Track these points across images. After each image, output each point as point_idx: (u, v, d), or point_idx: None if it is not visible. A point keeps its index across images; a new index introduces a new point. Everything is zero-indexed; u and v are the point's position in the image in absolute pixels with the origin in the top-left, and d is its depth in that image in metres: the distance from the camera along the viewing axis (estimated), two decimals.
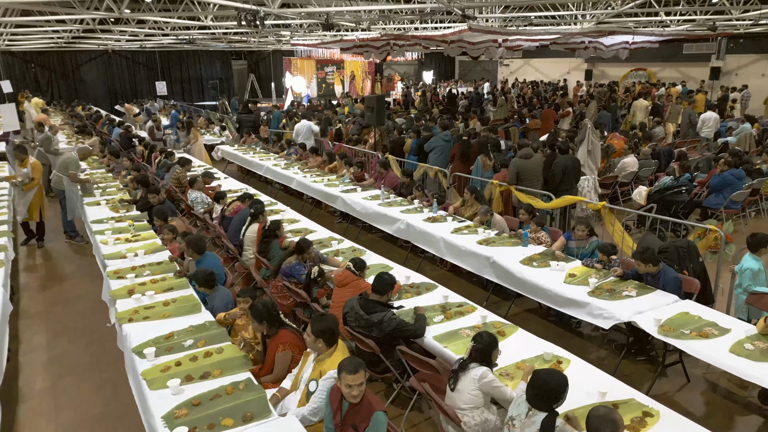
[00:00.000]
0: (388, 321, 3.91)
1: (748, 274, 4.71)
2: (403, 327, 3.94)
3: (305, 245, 5.09)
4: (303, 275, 4.99)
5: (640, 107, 17.18)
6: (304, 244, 5.10)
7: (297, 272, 5.04)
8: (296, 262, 5.10)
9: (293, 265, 5.07)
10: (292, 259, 5.13)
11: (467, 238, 6.19)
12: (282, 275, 5.11)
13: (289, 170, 10.20)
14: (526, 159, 7.35)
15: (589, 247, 5.59)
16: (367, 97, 10.88)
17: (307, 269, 5.01)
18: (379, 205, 7.67)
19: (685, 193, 7.98)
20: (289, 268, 5.07)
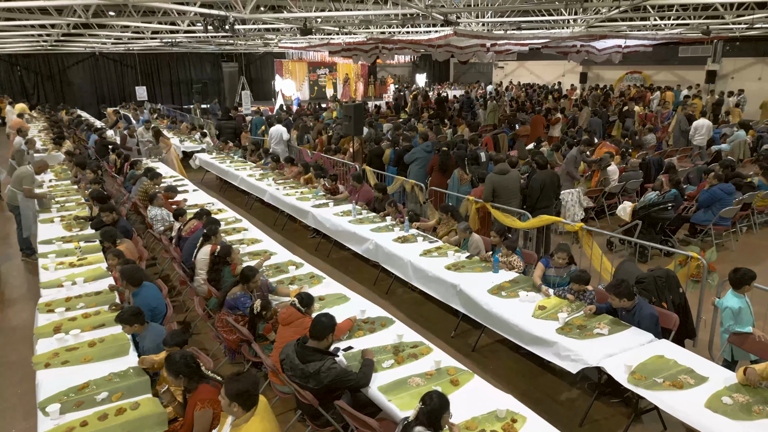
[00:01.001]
0: (327, 371, 3.51)
1: (728, 313, 4.32)
2: (344, 377, 3.55)
3: (250, 274, 4.69)
4: (248, 308, 4.60)
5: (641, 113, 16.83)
6: (248, 273, 4.70)
7: (242, 304, 4.64)
8: (241, 293, 4.70)
9: (238, 297, 4.67)
10: (237, 290, 4.73)
11: (435, 263, 5.80)
12: (227, 308, 4.71)
13: (263, 181, 9.81)
14: (502, 175, 6.96)
15: (567, 276, 5.20)
16: (345, 104, 10.49)
17: (253, 301, 4.61)
18: (349, 222, 7.28)
19: (671, 209, 7.58)
20: (234, 299, 4.67)
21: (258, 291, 4.81)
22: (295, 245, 8.50)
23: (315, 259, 7.91)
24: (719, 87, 23.30)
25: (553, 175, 7.22)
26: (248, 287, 4.72)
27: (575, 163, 9.20)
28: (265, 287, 4.95)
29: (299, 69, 31.13)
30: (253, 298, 4.68)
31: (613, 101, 21.73)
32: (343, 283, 6.99)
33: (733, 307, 4.31)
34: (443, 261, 5.85)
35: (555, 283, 5.24)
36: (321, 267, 7.52)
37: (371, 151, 10.18)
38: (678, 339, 4.80)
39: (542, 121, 14.90)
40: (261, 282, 4.88)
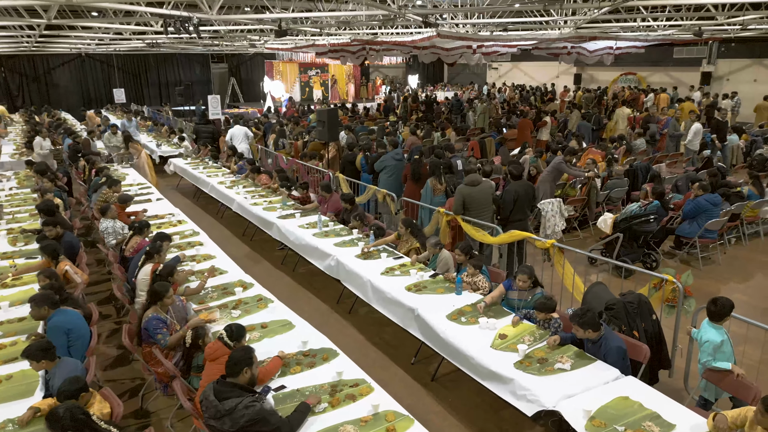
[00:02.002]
0: (244, 409, 3.11)
1: (708, 347, 3.92)
2: (264, 419, 3.13)
3: (161, 290, 4.27)
4: (160, 332, 4.18)
5: (622, 116, 16.41)
6: (159, 289, 4.28)
7: (153, 329, 4.20)
8: (154, 315, 4.25)
9: (150, 320, 4.23)
10: (150, 312, 4.30)
11: (396, 282, 5.41)
12: (145, 335, 4.29)
13: (233, 189, 9.41)
14: (473, 186, 6.56)
15: (532, 300, 4.80)
16: (318, 109, 10.09)
17: (169, 322, 4.21)
18: (313, 236, 6.88)
19: (654, 222, 7.19)
20: (147, 322, 4.25)
21: (177, 313, 4.41)
22: (261, 258, 8.11)
23: (280, 274, 7.53)
24: (714, 89, 22.94)
25: (527, 186, 6.82)
26: (162, 305, 4.31)
27: (558, 174, 8.81)
28: (181, 311, 4.54)
29: (290, 70, 30.72)
30: (168, 319, 4.28)
31: (605, 103, 21.37)
32: (306, 301, 6.68)
33: (715, 340, 3.91)
34: (405, 281, 5.45)
35: (519, 308, 4.84)
36: (284, 283, 7.22)
37: (345, 157, 9.78)
38: (652, 370, 4.43)
39: (530, 125, 14.51)
40: (178, 305, 4.47)
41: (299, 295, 6.83)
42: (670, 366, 4.57)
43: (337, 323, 6.05)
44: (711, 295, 6.73)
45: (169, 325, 4.39)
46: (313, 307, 6.47)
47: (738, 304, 6.50)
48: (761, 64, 22.21)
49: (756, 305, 6.41)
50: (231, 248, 8.54)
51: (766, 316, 6.13)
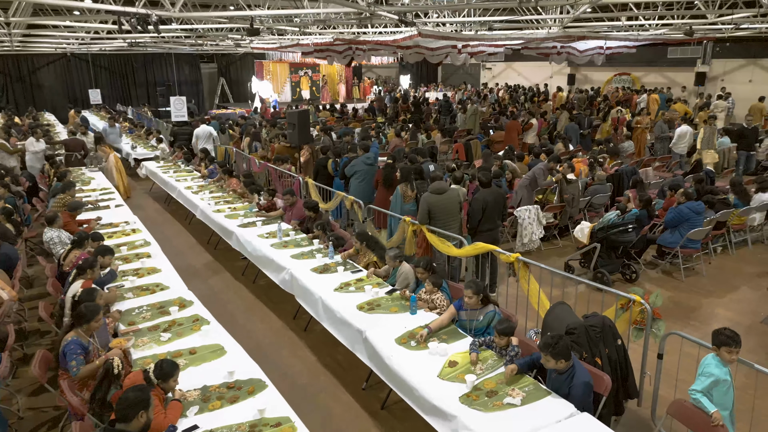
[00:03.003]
0: None
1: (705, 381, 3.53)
2: None
3: (88, 314, 3.88)
4: (75, 358, 3.78)
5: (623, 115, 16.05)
6: (86, 312, 3.88)
7: (71, 353, 3.80)
8: (74, 339, 3.85)
9: (68, 344, 3.83)
10: (71, 335, 3.90)
11: (348, 300, 5.02)
12: (63, 362, 3.90)
13: (198, 195, 9.01)
14: (439, 194, 6.17)
15: (484, 320, 4.42)
16: (288, 111, 9.69)
17: (92, 348, 3.82)
18: (270, 246, 6.49)
19: (633, 231, 6.80)
20: (65, 346, 3.85)
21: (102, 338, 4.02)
22: (222, 268, 7.72)
23: (238, 286, 7.13)
24: (709, 89, 22.56)
25: (497, 193, 6.42)
26: (87, 330, 3.92)
27: (538, 182, 8.42)
28: (105, 334, 4.15)
29: (280, 70, 30.34)
30: (91, 344, 3.89)
31: (597, 104, 20.96)
32: (261, 316, 6.28)
33: (720, 377, 3.50)
34: (359, 298, 5.06)
35: (470, 329, 4.46)
36: (241, 296, 6.83)
37: (318, 161, 9.40)
38: (617, 400, 4.04)
39: (517, 127, 14.10)
40: (102, 322, 4.07)
41: (255, 309, 6.44)
42: (637, 395, 4.18)
43: (290, 343, 5.66)
44: (691, 310, 6.40)
45: (90, 352, 4.00)
46: (267, 323, 6.08)
47: (719, 321, 6.15)
48: (756, 64, 21.83)
49: (739, 321, 6.02)
50: (192, 257, 8.18)
51: (750, 334, 5.75)
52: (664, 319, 4.22)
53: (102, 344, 4.17)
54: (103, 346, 4.17)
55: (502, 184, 8.71)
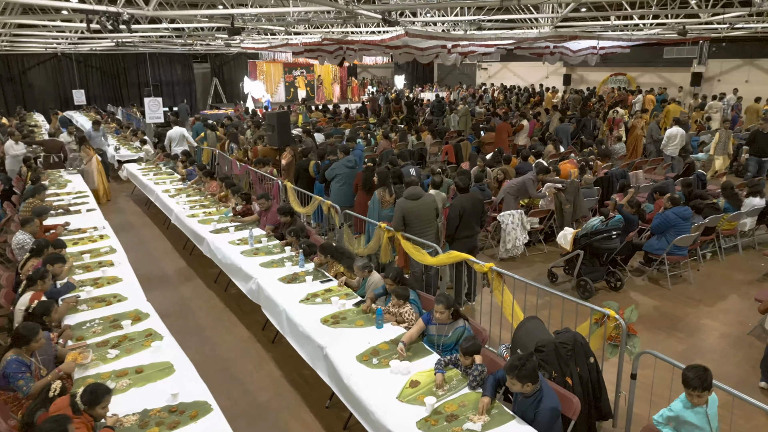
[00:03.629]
0: None
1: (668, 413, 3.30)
2: None
3: (27, 335, 3.64)
4: (23, 377, 3.55)
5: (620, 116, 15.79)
6: (24, 333, 3.64)
7: (13, 374, 3.57)
8: (14, 357, 3.61)
9: (9, 363, 3.58)
10: (10, 353, 3.66)
11: (313, 313, 4.78)
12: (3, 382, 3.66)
13: (175, 198, 8.78)
14: (414, 200, 5.93)
15: (453, 335, 4.18)
16: (268, 113, 9.45)
17: (33, 367, 3.58)
18: (241, 253, 6.25)
19: (617, 238, 6.56)
20: (6, 365, 3.61)
21: (47, 354, 3.78)
22: (195, 275, 7.48)
23: (210, 294, 6.89)
24: (705, 90, 22.33)
25: (475, 199, 6.18)
26: (28, 350, 3.68)
27: (525, 190, 8.15)
28: (49, 350, 3.91)
29: (274, 70, 30.12)
30: (32, 364, 3.65)
31: (591, 105, 20.73)
32: (229, 327, 6.03)
33: (683, 416, 3.27)
34: (324, 310, 4.83)
35: (439, 345, 4.22)
36: (212, 305, 6.58)
37: (299, 164, 9.14)
38: (589, 423, 3.80)
39: (507, 129, 13.85)
40: (45, 340, 3.83)
41: (224, 319, 6.20)
42: (611, 415, 3.94)
43: (256, 356, 5.42)
44: (677, 320, 6.16)
45: (33, 370, 3.77)
46: (234, 335, 5.84)
47: (705, 332, 5.92)
48: (753, 64, 21.62)
49: (725, 333, 5.78)
50: (166, 263, 7.94)
51: (737, 346, 5.52)
52: (649, 329, 4.00)
53: (45, 362, 3.93)
54: (46, 364, 3.93)
55: (485, 188, 8.47)
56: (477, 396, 3.54)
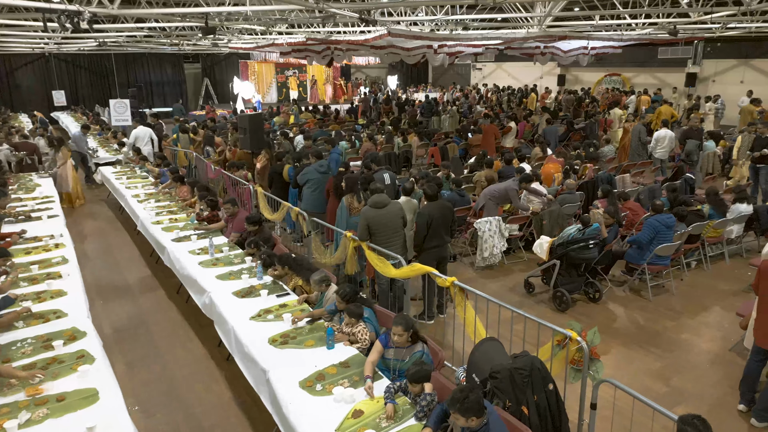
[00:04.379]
0: None
1: None
2: None
3: None
4: None
5: (614, 117, 15.52)
6: None
7: None
8: None
9: None
10: None
11: (263, 331, 4.49)
12: None
13: (143, 203, 8.48)
14: (378, 208, 5.64)
15: (410, 360, 3.88)
16: (240, 115, 9.15)
17: None
18: (199, 264, 5.96)
19: (594, 247, 6.26)
20: None
21: None
22: (158, 285, 7.19)
23: (170, 305, 6.60)
24: (700, 90, 22.05)
25: (444, 207, 5.88)
26: None
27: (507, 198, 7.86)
28: None
29: (266, 70, 29.84)
30: None
31: (585, 106, 20.44)
32: (183, 342, 5.71)
33: None
34: (276, 328, 4.53)
35: (395, 370, 3.92)
36: (169, 317, 6.28)
37: (273, 168, 8.85)
38: None
39: (494, 131, 13.57)
40: None
41: (180, 333, 5.90)
42: None
43: (208, 375, 5.12)
44: (655, 335, 5.84)
45: None
46: (188, 351, 5.54)
47: (684, 348, 5.62)
48: (748, 64, 21.32)
49: (705, 349, 5.49)
50: (129, 272, 7.65)
51: (717, 365, 5.22)
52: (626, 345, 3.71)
53: None
54: None
55: (464, 194, 8.17)
56: (421, 428, 3.25)
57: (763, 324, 4.33)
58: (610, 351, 5.46)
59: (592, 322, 6.07)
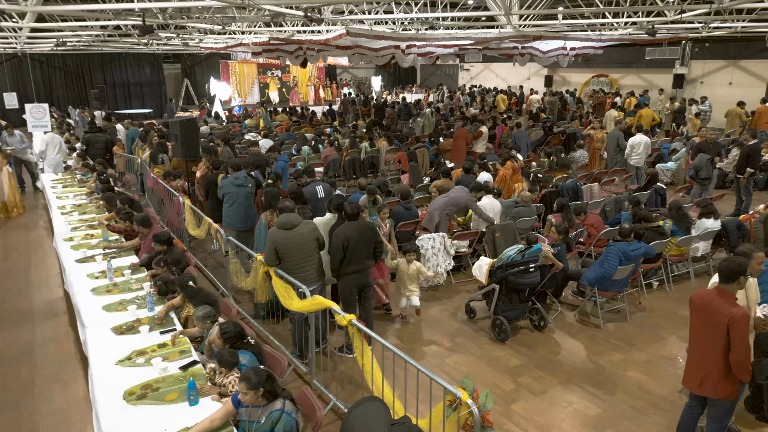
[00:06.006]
0: None
1: None
2: None
3: None
4: None
5: (610, 119, 14.88)
6: None
7: None
8: None
9: None
10: None
11: (122, 380, 3.85)
12: None
13: (66, 216, 7.84)
14: (287, 230, 4.99)
15: (266, 422, 3.25)
16: (171, 121, 8.49)
17: None
18: (91, 291, 5.33)
19: (536, 271, 5.62)
20: None
21: None
22: (66, 309, 6.51)
23: (68, 335, 5.93)
24: (688, 92, 21.42)
25: (364, 227, 5.23)
26: None
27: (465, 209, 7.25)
28: None
29: (247, 71, 29.21)
30: None
31: (570, 108, 19.81)
32: (63, 384, 5.02)
33: None
34: (142, 376, 3.89)
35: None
36: (62, 350, 5.64)
37: (208, 178, 8.18)
38: None
39: (465, 135, 12.90)
40: None
41: (66, 371, 5.24)
42: None
43: (77, 426, 4.46)
44: (599, 372, 5.11)
45: None
46: (67, 393, 4.87)
47: (628, 388, 4.96)
48: (737, 65, 20.70)
49: (651, 390, 4.84)
50: (40, 293, 7.02)
51: (661, 410, 4.58)
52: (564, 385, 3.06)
53: None
54: None
55: (410, 207, 7.53)
56: None
57: (691, 365, 3.75)
58: (546, 392, 4.83)
59: (533, 354, 5.44)
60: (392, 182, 10.60)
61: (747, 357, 3.43)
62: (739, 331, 3.38)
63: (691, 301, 3.70)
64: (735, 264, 3.50)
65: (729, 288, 3.53)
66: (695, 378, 3.68)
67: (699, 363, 3.66)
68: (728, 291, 3.53)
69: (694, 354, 3.73)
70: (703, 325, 3.61)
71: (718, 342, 3.47)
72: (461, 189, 7.50)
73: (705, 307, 3.58)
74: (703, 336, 3.61)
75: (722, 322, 3.43)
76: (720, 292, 3.55)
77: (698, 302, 3.65)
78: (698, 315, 3.66)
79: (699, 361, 3.66)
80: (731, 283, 3.52)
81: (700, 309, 3.64)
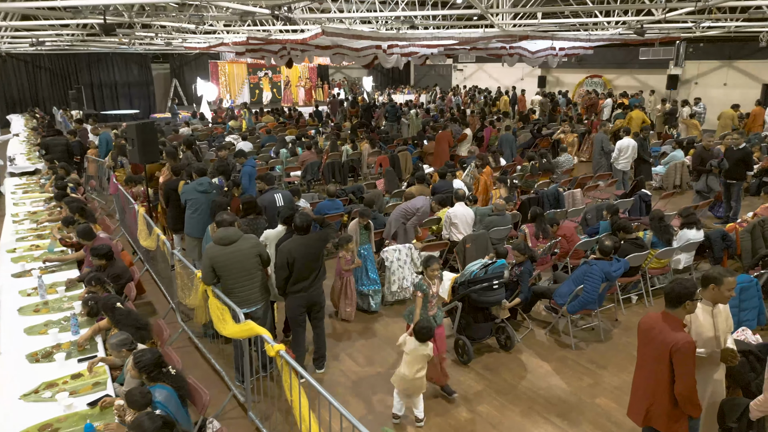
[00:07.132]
0: None
1: None
2: None
3: None
4: None
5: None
6: None
7: None
8: None
9: None
10: None
11: (22, 419, 3.45)
12: None
13: (16, 224, 7.45)
14: (225, 245, 4.59)
15: None
16: (128, 124, 8.09)
17: None
18: (18, 310, 4.92)
19: (499, 288, 5.22)
20: None
21: None
22: None
23: None
24: (683, 93, 21.02)
25: (310, 242, 4.82)
26: None
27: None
28: None
29: (237, 70, 28.80)
30: None
31: (560, 110, 19.40)
32: None
33: None
34: (44, 413, 3.49)
35: None
36: None
37: (168, 184, 7.77)
38: None
39: (448, 138, 12.51)
40: None
41: None
42: None
43: None
44: (564, 400, 4.63)
45: None
46: None
47: (594, 419, 4.53)
48: (732, 66, 20.30)
49: (619, 421, 4.43)
50: None
51: None
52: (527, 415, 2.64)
53: None
54: None
55: (377, 216, 7.13)
56: None
57: (635, 395, 3.41)
58: (503, 423, 4.43)
59: (495, 379, 5.05)
60: (369, 187, 10.20)
61: (692, 389, 3.08)
62: (682, 360, 3.03)
63: (639, 325, 3.34)
64: (681, 287, 3.14)
65: (675, 313, 3.18)
66: (640, 409, 3.32)
67: (644, 393, 3.30)
68: (674, 316, 3.18)
69: (639, 383, 3.37)
70: (648, 352, 3.24)
71: (662, 371, 3.11)
72: (421, 197, 7.12)
73: (649, 332, 3.23)
74: (649, 363, 3.24)
75: (665, 350, 3.08)
76: (665, 316, 3.20)
77: (643, 326, 3.31)
78: (642, 340, 3.30)
79: (644, 390, 3.30)
80: (677, 307, 3.17)
81: (644, 333, 3.29)
